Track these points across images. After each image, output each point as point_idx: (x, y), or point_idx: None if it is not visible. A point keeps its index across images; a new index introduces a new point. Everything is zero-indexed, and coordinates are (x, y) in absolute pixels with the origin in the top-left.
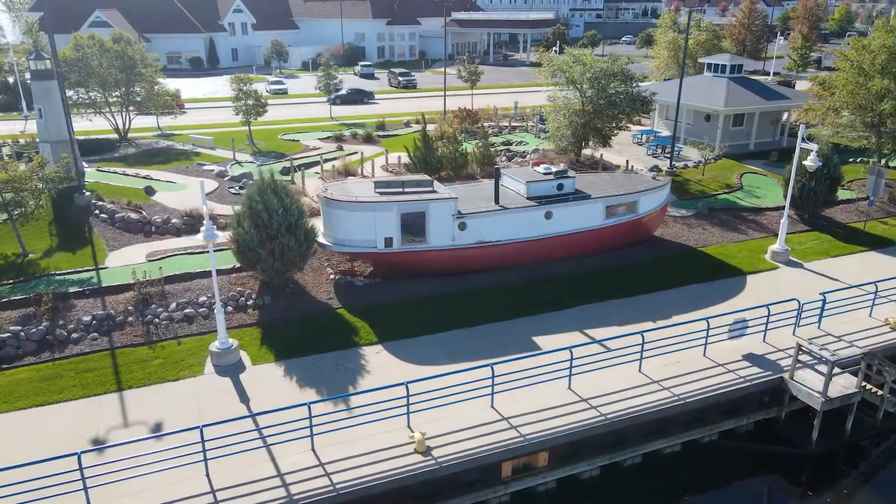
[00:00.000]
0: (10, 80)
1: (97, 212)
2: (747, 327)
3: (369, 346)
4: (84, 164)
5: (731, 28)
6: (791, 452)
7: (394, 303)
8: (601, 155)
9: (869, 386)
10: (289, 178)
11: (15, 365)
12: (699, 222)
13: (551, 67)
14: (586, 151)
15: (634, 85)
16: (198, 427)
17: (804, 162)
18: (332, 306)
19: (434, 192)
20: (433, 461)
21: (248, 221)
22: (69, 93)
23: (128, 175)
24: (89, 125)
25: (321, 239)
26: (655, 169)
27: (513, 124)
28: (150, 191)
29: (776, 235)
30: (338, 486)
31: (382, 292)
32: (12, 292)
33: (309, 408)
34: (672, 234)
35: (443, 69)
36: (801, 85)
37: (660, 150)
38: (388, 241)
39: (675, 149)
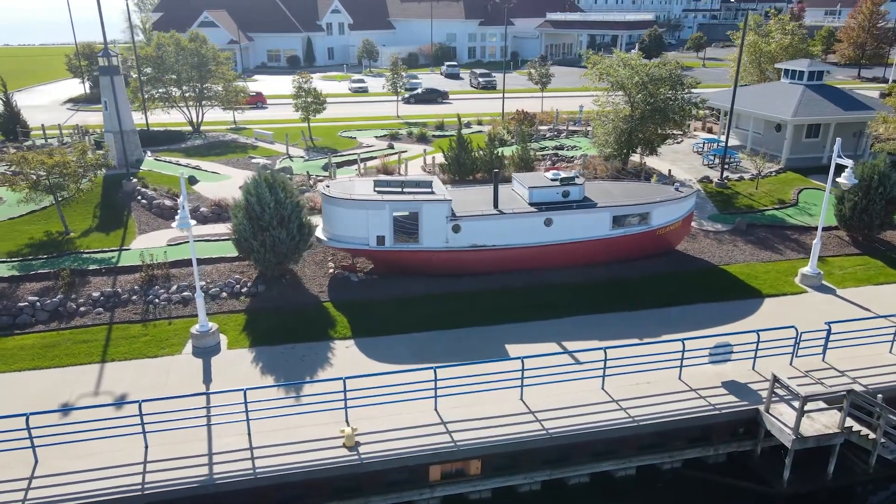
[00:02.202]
0: None
1: (139, 197)
2: (731, 352)
3: (341, 341)
4: (148, 152)
5: (847, 31)
6: (760, 490)
7: (383, 300)
8: (644, 162)
9: (857, 427)
10: (327, 173)
11: (27, 331)
12: (732, 238)
13: (596, 70)
14: (635, 158)
15: (686, 91)
16: (136, 402)
17: (838, 179)
18: (320, 299)
19: (430, 192)
20: (356, 457)
21: (243, 213)
22: (146, 87)
23: (179, 165)
24: (167, 118)
25: (319, 234)
26: (706, 179)
27: (570, 128)
28: (192, 180)
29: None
30: (257, 471)
31: (375, 290)
32: (43, 266)
33: (244, 394)
34: (696, 249)
35: (527, 70)
36: None
37: (717, 161)
38: (380, 240)
39: (734, 160)
